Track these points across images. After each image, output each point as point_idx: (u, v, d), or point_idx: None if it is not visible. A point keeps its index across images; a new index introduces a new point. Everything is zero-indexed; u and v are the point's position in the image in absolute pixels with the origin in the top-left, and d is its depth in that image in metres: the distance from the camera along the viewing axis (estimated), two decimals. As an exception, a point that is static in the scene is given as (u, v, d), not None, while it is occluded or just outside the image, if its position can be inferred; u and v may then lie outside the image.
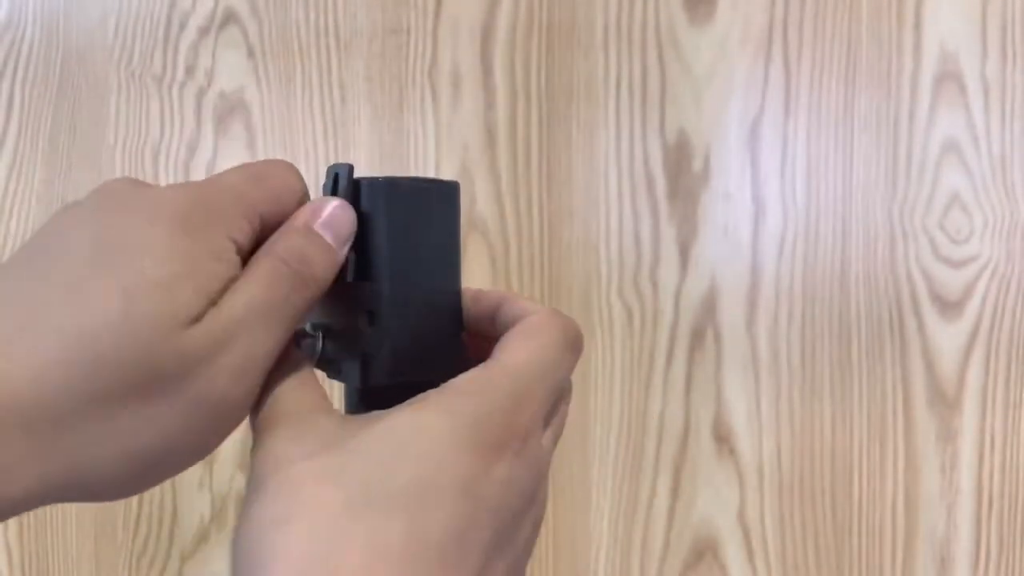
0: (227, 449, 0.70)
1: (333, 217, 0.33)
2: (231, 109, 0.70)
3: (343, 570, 0.25)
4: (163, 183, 0.70)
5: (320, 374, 0.35)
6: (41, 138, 0.71)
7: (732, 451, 0.67)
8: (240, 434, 0.69)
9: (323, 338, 0.35)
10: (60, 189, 0.71)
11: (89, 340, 0.27)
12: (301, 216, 0.33)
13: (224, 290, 0.30)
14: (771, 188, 0.66)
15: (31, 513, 0.71)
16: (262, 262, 0.31)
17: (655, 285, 0.67)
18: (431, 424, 0.29)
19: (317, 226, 0.32)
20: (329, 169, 0.34)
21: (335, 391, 0.38)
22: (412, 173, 0.69)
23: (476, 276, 0.68)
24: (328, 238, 0.32)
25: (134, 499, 0.70)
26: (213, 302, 0.29)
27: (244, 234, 0.31)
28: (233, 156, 0.70)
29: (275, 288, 0.31)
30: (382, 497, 0.27)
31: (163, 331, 0.27)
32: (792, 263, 0.66)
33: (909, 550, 0.66)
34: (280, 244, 0.32)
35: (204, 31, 0.70)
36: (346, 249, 0.33)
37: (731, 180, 0.66)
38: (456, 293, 0.36)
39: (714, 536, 0.67)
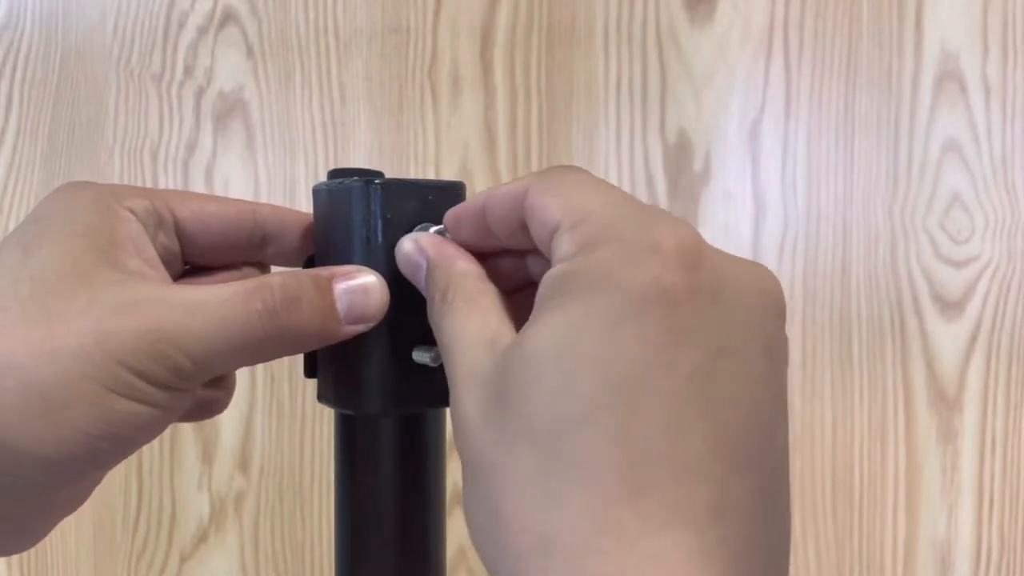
0: (227, 449, 0.70)
1: (361, 291, 0.30)
2: (230, 108, 0.70)
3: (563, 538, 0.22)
4: (162, 182, 0.70)
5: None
6: (40, 137, 0.71)
7: (732, 451, 0.67)
8: (239, 434, 0.69)
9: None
10: (59, 189, 0.71)
11: None
12: (329, 269, 0.30)
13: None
14: (771, 188, 0.66)
15: (29, 514, 0.71)
16: (248, 281, 0.29)
17: (655, 285, 0.67)
18: (585, 323, 0.23)
19: (338, 288, 0.30)
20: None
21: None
22: (412, 173, 0.69)
23: (476, 276, 0.68)
24: (341, 306, 0.29)
25: (133, 499, 0.70)
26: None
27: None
28: (232, 155, 0.70)
29: (233, 306, 0.28)
30: (568, 446, 0.22)
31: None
32: (792, 263, 0.66)
33: (910, 551, 0.66)
34: (278, 277, 0.29)
35: (203, 30, 0.70)
36: (358, 328, 0.30)
37: (731, 180, 0.66)
38: None
39: (714, 537, 0.67)
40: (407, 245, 0.30)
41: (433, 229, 0.31)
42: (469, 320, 0.27)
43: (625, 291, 0.23)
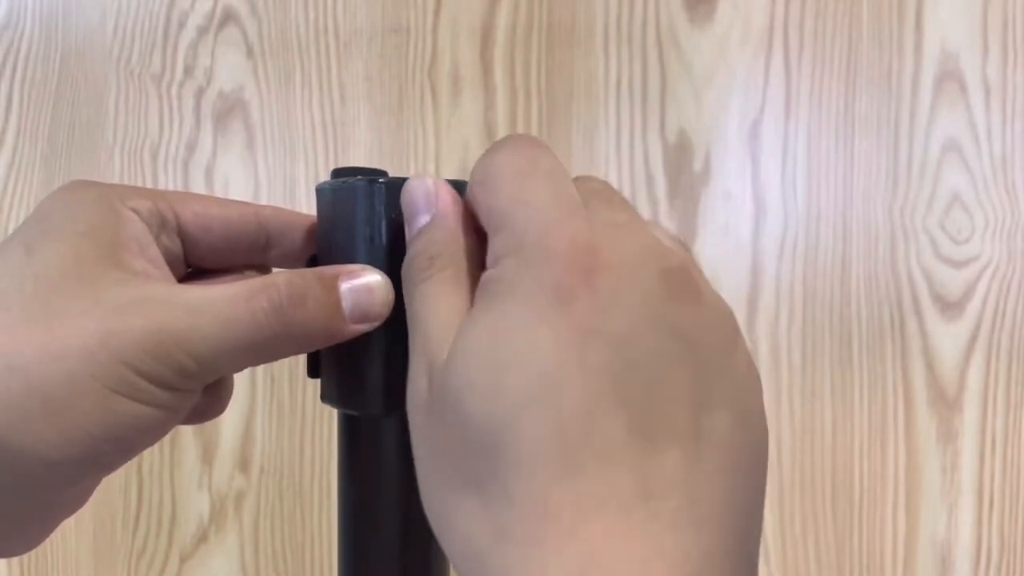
0: (227, 449, 0.70)
1: (366, 290, 0.30)
2: (230, 108, 0.70)
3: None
4: (162, 182, 0.70)
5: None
6: (40, 137, 0.71)
7: (732, 451, 0.67)
8: (239, 434, 0.69)
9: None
10: (59, 189, 0.71)
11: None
12: (335, 268, 0.30)
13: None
14: (771, 188, 0.66)
15: (29, 514, 0.71)
16: (253, 280, 0.29)
17: (655, 285, 0.67)
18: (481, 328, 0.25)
19: (343, 287, 0.30)
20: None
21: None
22: (412, 173, 0.68)
23: (476, 276, 0.68)
24: (346, 304, 0.29)
25: (133, 499, 0.70)
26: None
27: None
28: (232, 155, 0.70)
29: (238, 304, 0.28)
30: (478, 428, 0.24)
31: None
32: (792, 263, 0.66)
33: (910, 551, 0.66)
34: (284, 275, 0.29)
35: (203, 30, 0.70)
36: (363, 327, 0.30)
37: (731, 180, 0.66)
38: None
39: (714, 536, 0.67)
40: (427, 184, 0.29)
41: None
42: (444, 300, 0.27)
43: (528, 299, 0.24)
